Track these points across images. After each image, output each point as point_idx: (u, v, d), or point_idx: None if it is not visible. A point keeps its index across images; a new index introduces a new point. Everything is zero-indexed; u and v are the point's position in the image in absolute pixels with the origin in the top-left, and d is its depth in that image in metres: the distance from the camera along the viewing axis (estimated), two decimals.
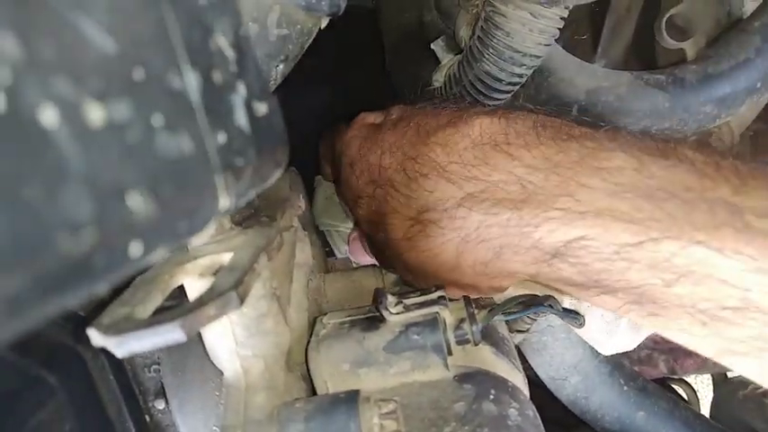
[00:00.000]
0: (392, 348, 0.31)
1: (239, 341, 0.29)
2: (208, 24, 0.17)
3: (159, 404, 0.40)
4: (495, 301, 0.37)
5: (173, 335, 0.18)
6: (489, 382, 0.30)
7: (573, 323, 0.36)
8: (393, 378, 0.31)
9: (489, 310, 0.33)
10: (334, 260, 0.57)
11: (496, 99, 0.42)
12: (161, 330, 0.18)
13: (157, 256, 0.14)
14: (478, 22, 0.40)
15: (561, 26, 0.38)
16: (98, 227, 0.12)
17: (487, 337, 0.34)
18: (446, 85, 0.46)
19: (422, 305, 0.32)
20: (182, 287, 0.26)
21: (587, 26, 0.59)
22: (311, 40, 0.32)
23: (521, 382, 0.33)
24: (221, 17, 0.17)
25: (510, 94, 0.42)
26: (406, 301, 0.32)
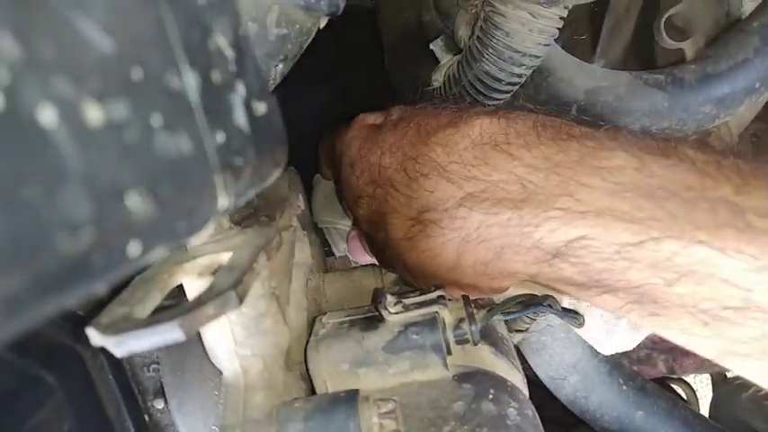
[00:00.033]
0: (391, 348, 0.31)
1: (238, 341, 0.29)
2: (207, 24, 0.17)
3: (158, 403, 0.40)
4: (495, 300, 0.37)
5: (172, 334, 0.18)
6: (488, 382, 0.30)
7: (572, 323, 0.36)
8: (392, 378, 0.31)
9: (488, 310, 0.33)
10: (334, 260, 0.57)
11: (496, 99, 0.42)
12: (160, 330, 0.18)
13: (156, 255, 0.14)
14: (478, 21, 0.40)
15: (560, 26, 0.38)
16: (97, 227, 0.12)
17: (486, 336, 0.34)
18: (445, 85, 0.46)
19: (421, 305, 0.32)
20: (181, 286, 0.26)
21: (586, 26, 0.59)
22: (310, 40, 0.32)
23: (520, 381, 0.33)
24: (220, 17, 0.17)
25: (509, 95, 0.42)
26: (406, 301, 0.32)
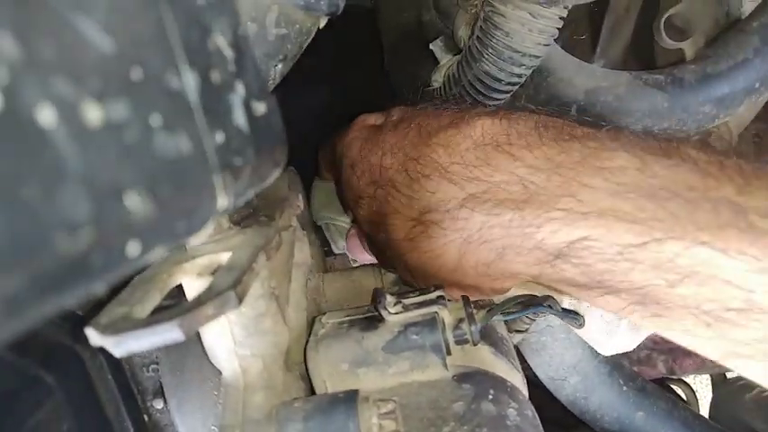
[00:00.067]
0: (391, 348, 0.31)
1: (238, 341, 0.29)
2: (206, 24, 0.17)
3: (158, 403, 0.40)
4: (494, 301, 0.37)
5: (171, 334, 0.18)
6: (488, 382, 0.30)
7: (572, 323, 0.36)
8: (392, 378, 0.31)
9: (488, 310, 0.33)
10: (333, 260, 0.57)
11: (496, 99, 0.42)
12: (159, 330, 0.18)
13: (155, 255, 0.14)
14: (477, 21, 0.40)
15: (560, 26, 0.38)
16: (96, 227, 0.12)
17: (486, 337, 0.34)
18: (445, 85, 0.46)
19: (420, 305, 0.32)
20: (180, 286, 0.26)
21: (586, 26, 0.59)
22: (310, 40, 0.32)
23: (520, 382, 0.33)
24: (220, 17, 0.17)
25: (509, 95, 0.42)
26: (405, 301, 0.32)
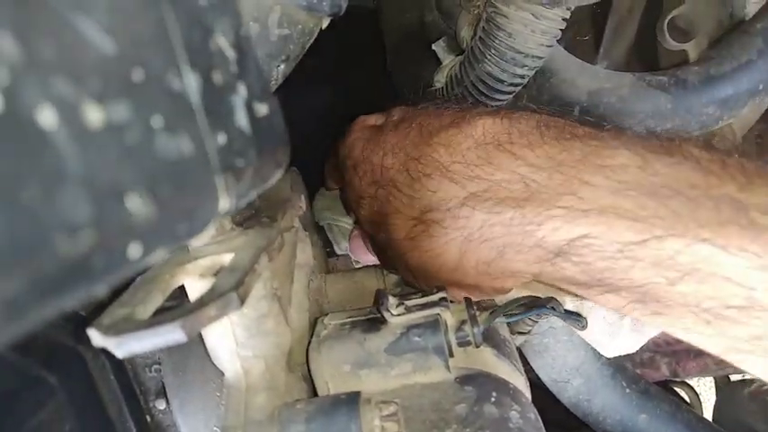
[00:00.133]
0: (393, 350, 0.30)
1: (240, 342, 0.29)
2: (208, 25, 0.16)
3: (160, 404, 0.40)
4: (497, 302, 0.37)
5: (173, 335, 0.18)
6: (491, 385, 0.30)
7: (575, 325, 0.36)
8: (394, 380, 0.31)
9: (491, 312, 0.33)
10: (336, 261, 0.57)
11: (498, 100, 0.42)
12: (161, 331, 0.18)
13: (157, 257, 0.14)
14: (480, 22, 0.40)
15: (563, 27, 0.38)
16: (97, 228, 0.12)
17: (489, 338, 0.34)
18: (447, 85, 0.46)
19: (423, 306, 0.32)
20: (182, 287, 0.26)
21: (589, 27, 0.59)
22: (312, 41, 0.31)
23: (522, 384, 0.33)
24: (222, 17, 0.17)
25: (512, 95, 0.42)
26: (408, 303, 0.32)
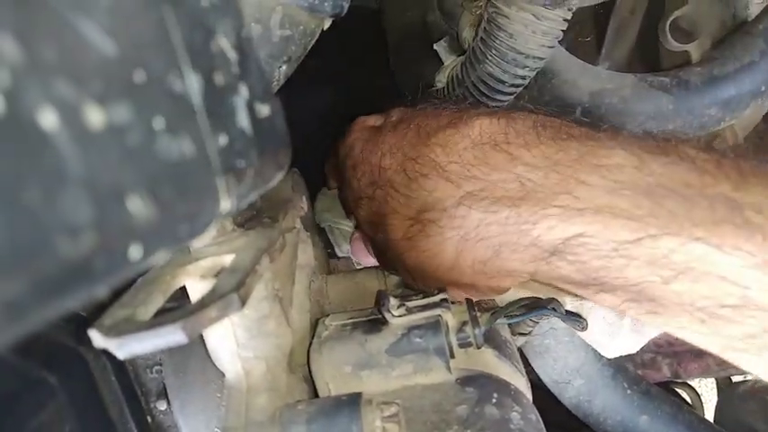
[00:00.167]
0: (394, 351, 0.30)
1: (241, 343, 0.29)
2: (209, 26, 0.16)
3: (161, 405, 0.40)
4: (498, 303, 0.37)
5: (174, 337, 0.18)
6: (492, 386, 0.30)
7: (575, 326, 0.36)
8: (395, 381, 0.31)
9: (492, 313, 0.33)
10: (337, 261, 0.56)
11: (499, 101, 0.42)
12: (162, 332, 0.18)
13: (158, 258, 0.14)
14: (481, 23, 0.40)
15: (564, 28, 0.38)
16: (98, 230, 0.12)
17: (490, 340, 0.34)
18: (449, 86, 0.46)
19: (424, 308, 0.32)
20: (183, 289, 0.26)
21: (591, 28, 0.59)
22: (314, 41, 0.31)
23: (523, 385, 0.33)
24: (223, 18, 0.17)
25: (513, 96, 0.42)
26: (409, 304, 0.32)
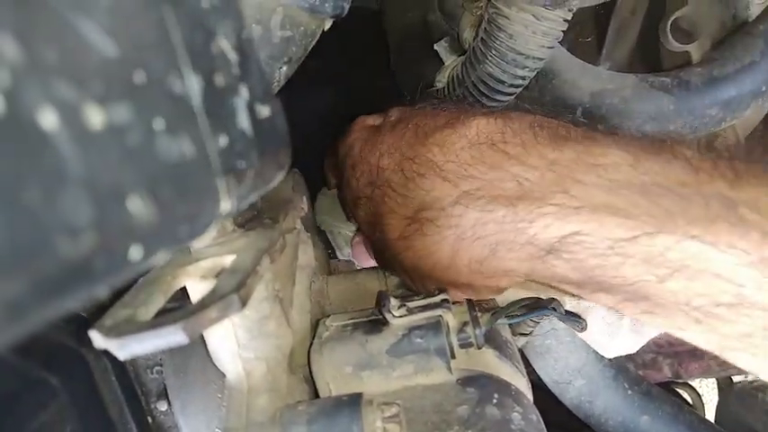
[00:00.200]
0: (395, 351, 0.30)
1: (241, 343, 0.29)
2: (210, 27, 0.16)
3: (162, 405, 0.40)
4: (498, 303, 0.37)
5: (175, 337, 0.18)
6: (492, 386, 0.30)
7: (574, 326, 0.36)
8: (396, 381, 0.31)
9: (492, 314, 0.33)
10: (337, 262, 0.56)
11: (499, 101, 0.42)
12: (163, 333, 0.18)
13: (158, 259, 0.14)
14: (482, 24, 0.40)
15: (564, 28, 0.38)
16: (98, 231, 0.12)
17: (491, 340, 0.34)
18: (449, 86, 0.46)
19: (425, 308, 0.32)
20: (184, 289, 0.26)
21: (592, 28, 0.59)
22: (314, 42, 0.32)
23: (524, 385, 0.33)
24: (224, 20, 0.17)
25: (513, 96, 0.42)
26: (410, 304, 0.32)
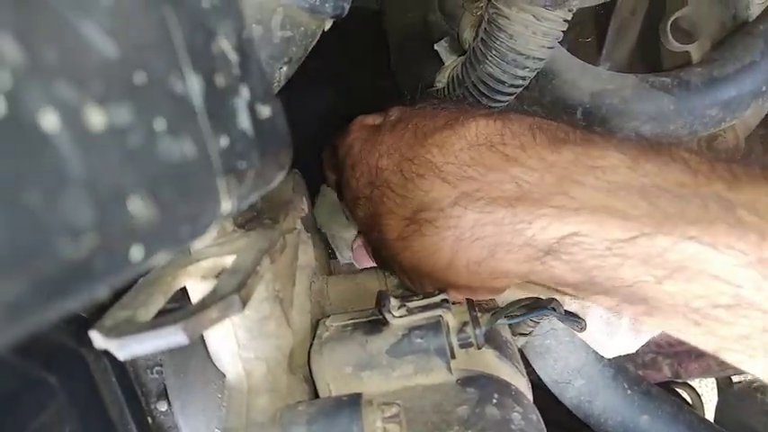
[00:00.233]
0: (395, 352, 0.30)
1: (242, 344, 0.29)
2: (210, 27, 0.16)
3: (161, 406, 0.40)
4: (498, 304, 0.37)
5: (175, 338, 0.18)
6: (492, 386, 0.30)
7: (574, 326, 0.36)
8: (396, 381, 0.31)
9: (492, 314, 0.33)
10: (337, 262, 0.56)
11: (499, 101, 0.42)
12: (163, 333, 0.18)
13: (159, 259, 0.14)
14: (482, 24, 0.40)
15: (564, 29, 0.38)
16: (99, 232, 0.12)
17: (491, 340, 0.34)
18: (449, 86, 0.46)
19: (425, 308, 0.32)
20: (184, 290, 0.26)
21: (592, 28, 0.59)
22: (315, 42, 0.32)
23: (524, 385, 0.33)
24: (224, 20, 0.17)
25: (513, 97, 0.42)
26: (409, 305, 0.32)
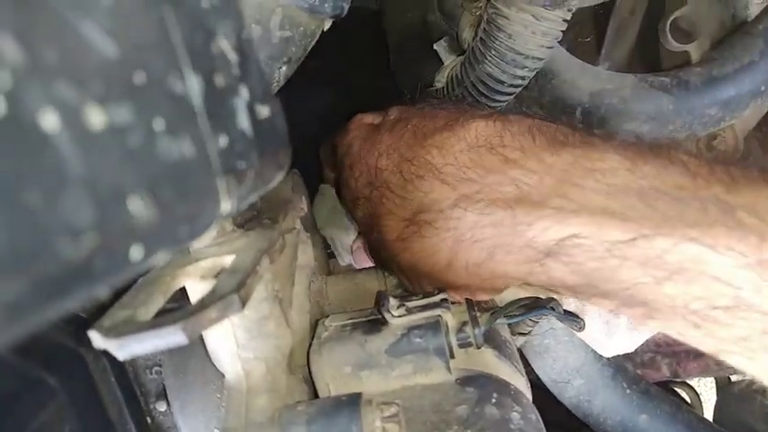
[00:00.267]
0: (394, 351, 0.30)
1: (241, 344, 0.29)
2: (210, 27, 0.16)
3: (161, 406, 0.40)
4: (498, 303, 0.37)
5: (174, 337, 0.18)
6: (492, 386, 0.30)
7: (573, 326, 0.36)
8: (395, 381, 0.31)
9: (492, 313, 0.33)
10: (336, 262, 0.56)
11: (498, 101, 0.42)
12: (162, 333, 0.18)
13: (158, 259, 0.14)
14: (481, 24, 0.40)
15: (564, 28, 0.38)
16: (99, 231, 0.12)
17: (490, 340, 0.34)
18: (448, 86, 0.46)
19: (424, 308, 0.32)
20: (183, 289, 0.26)
21: (591, 28, 0.59)
22: (314, 42, 0.32)
23: (523, 385, 0.33)
24: (223, 20, 0.17)
25: (512, 96, 0.42)
26: (409, 304, 0.32)
